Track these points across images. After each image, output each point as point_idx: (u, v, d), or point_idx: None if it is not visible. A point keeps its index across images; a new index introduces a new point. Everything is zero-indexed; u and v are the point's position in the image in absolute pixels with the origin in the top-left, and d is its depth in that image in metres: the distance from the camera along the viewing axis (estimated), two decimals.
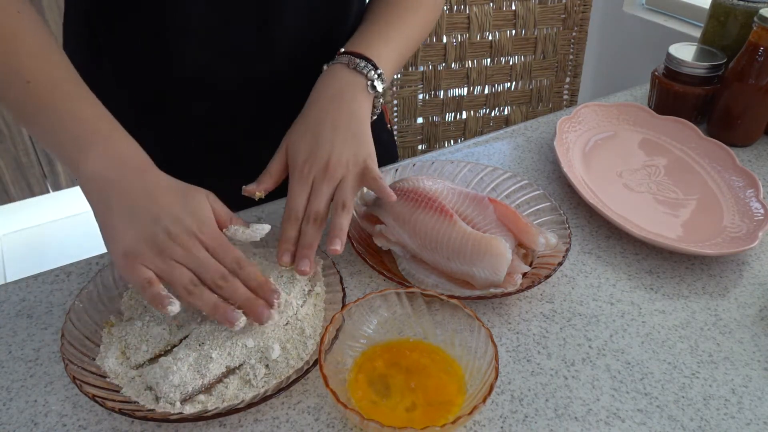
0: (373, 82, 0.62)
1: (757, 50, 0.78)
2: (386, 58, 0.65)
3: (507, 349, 0.54)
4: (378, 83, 0.63)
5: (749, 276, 0.63)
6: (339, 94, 0.61)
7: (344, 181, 0.57)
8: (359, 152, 0.59)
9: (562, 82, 1.39)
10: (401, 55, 0.69)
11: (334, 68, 0.63)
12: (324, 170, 0.57)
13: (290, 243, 0.56)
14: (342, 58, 0.64)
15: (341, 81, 0.62)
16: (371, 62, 0.63)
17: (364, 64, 0.62)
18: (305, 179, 0.57)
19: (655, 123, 0.85)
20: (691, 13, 1.64)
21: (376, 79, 0.62)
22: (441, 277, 0.60)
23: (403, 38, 0.69)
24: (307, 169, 0.57)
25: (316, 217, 0.56)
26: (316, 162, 0.57)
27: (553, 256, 0.60)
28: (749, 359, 0.54)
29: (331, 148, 0.58)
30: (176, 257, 0.49)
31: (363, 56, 0.63)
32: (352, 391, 0.48)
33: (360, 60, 0.62)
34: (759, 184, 0.72)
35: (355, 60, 0.62)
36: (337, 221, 0.56)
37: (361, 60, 0.63)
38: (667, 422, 0.49)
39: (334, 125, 0.59)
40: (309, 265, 0.55)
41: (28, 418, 0.48)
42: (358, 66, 0.62)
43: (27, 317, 0.57)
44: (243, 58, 0.67)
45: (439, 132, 1.37)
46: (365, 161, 0.58)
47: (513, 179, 0.71)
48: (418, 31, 0.71)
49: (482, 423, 0.48)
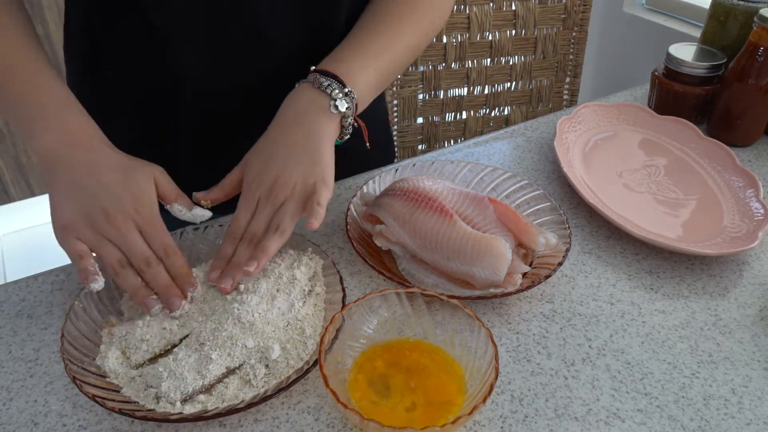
0: (335, 102, 0.60)
1: (757, 50, 0.78)
2: (362, 75, 0.63)
3: (507, 349, 0.54)
4: (341, 102, 0.60)
5: (749, 276, 0.63)
6: (302, 114, 0.60)
7: (285, 205, 0.56)
8: (310, 174, 0.57)
9: (562, 82, 1.39)
10: (385, 68, 0.66)
11: (300, 87, 0.62)
12: (269, 191, 0.57)
13: (223, 260, 0.56)
14: (310, 76, 0.62)
15: (304, 101, 0.60)
16: (338, 80, 0.61)
17: (328, 83, 0.60)
18: (252, 198, 0.57)
19: (655, 123, 0.85)
20: (691, 13, 1.64)
21: (340, 98, 0.60)
22: (441, 277, 0.60)
23: (389, 49, 0.65)
24: (254, 188, 0.57)
25: (251, 239, 0.56)
26: (263, 182, 0.57)
27: (553, 256, 0.60)
28: (749, 359, 0.54)
29: (281, 169, 0.57)
30: (109, 236, 0.52)
31: (330, 74, 0.61)
32: (352, 391, 0.48)
33: (325, 79, 0.60)
34: (759, 184, 0.72)
35: (320, 79, 0.60)
36: (265, 243, 0.54)
37: (326, 78, 0.60)
38: (667, 422, 0.49)
39: (289, 146, 0.58)
40: (231, 284, 0.54)
41: (28, 418, 0.48)
42: (322, 85, 0.60)
43: (27, 317, 0.57)
44: (236, 62, 0.67)
45: (439, 132, 1.37)
46: (314, 184, 0.56)
47: (513, 179, 0.71)
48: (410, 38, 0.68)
49: (482, 423, 0.48)
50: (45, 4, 1.80)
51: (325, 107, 0.60)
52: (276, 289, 0.54)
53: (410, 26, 0.67)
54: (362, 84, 0.62)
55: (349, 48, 0.64)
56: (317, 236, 0.66)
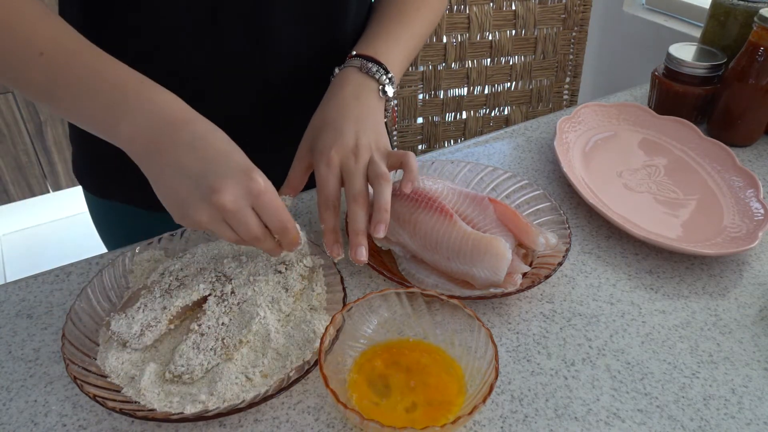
0: (384, 87, 0.64)
1: (757, 50, 0.78)
2: (395, 60, 0.66)
3: (507, 349, 0.54)
4: (389, 88, 0.64)
5: (749, 276, 0.63)
6: (355, 94, 0.62)
7: (373, 158, 0.58)
8: (380, 141, 0.60)
9: (562, 82, 1.39)
10: (409, 55, 0.70)
11: (346, 71, 0.64)
12: (352, 154, 0.57)
13: (335, 233, 0.56)
14: (354, 61, 0.65)
15: (355, 83, 0.63)
16: (382, 66, 0.64)
17: (376, 69, 0.64)
18: (333, 165, 0.57)
19: (655, 123, 0.85)
20: (691, 13, 1.64)
21: (387, 83, 0.64)
22: (441, 277, 0.60)
23: (410, 37, 0.69)
24: (334, 154, 0.57)
25: (360, 197, 0.56)
26: (342, 149, 0.58)
27: (553, 256, 0.60)
28: (749, 359, 0.54)
29: (356, 136, 0.59)
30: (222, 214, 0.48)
31: (374, 59, 0.64)
32: (352, 391, 0.48)
33: (372, 64, 0.64)
34: (759, 184, 0.72)
35: (367, 64, 0.64)
36: (381, 198, 0.55)
37: (372, 64, 0.64)
38: (667, 422, 0.49)
39: (354, 118, 0.60)
40: (365, 252, 0.55)
41: (28, 418, 0.48)
42: (370, 71, 0.63)
43: (27, 317, 0.57)
44: (238, 64, 0.67)
45: (439, 132, 1.37)
46: (386, 148, 0.60)
47: (513, 179, 0.71)
48: (425, 28, 0.72)
49: (482, 423, 0.48)
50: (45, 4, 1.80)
51: (375, 90, 0.63)
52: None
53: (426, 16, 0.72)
54: (397, 69, 0.66)
55: (380, 35, 0.68)
56: (317, 236, 0.66)
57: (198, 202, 0.48)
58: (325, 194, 0.57)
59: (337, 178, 0.57)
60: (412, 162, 0.59)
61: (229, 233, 0.50)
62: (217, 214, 0.48)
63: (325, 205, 0.57)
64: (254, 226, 0.50)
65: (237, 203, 0.48)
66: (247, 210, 0.49)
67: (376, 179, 0.56)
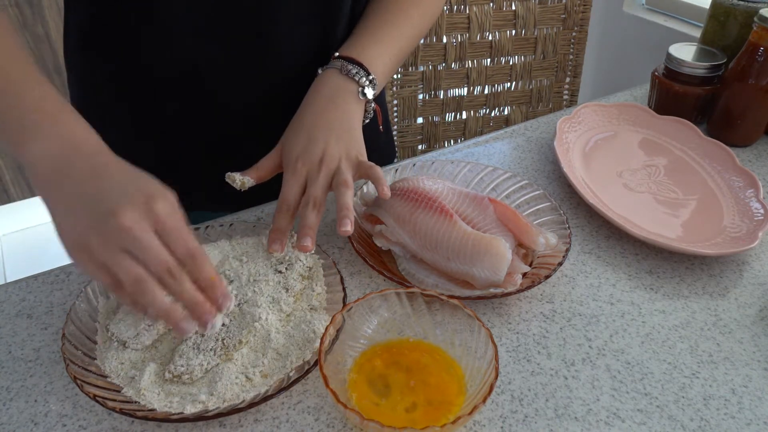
0: (363, 89, 0.64)
1: (757, 50, 0.78)
2: (379, 62, 0.66)
3: (507, 349, 0.54)
4: (368, 90, 0.64)
5: (749, 276, 0.63)
6: (333, 98, 0.63)
7: (339, 167, 0.59)
8: (351, 148, 0.61)
9: (562, 82, 1.39)
10: (396, 56, 0.70)
11: (327, 73, 0.65)
12: (318, 164, 0.59)
13: (281, 232, 0.57)
14: (335, 62, 0.65)
15: (334, 85, 0.64)
16: (363, 68, 0.64)
17: (356, 71, 0.64)
18: (298, 174, 0.59)
19: (655, 123, 0.85)
20: (691, 13, 1.64)
21: (367, 85, 0.64)
22: (441, 277, 0.60)
23: (397, 38, 0.69)
24: (300, 165, 0.59)
25: (315, 202, 0.57)
26: (309, 158, 0.59)
27: (553, 256, 0.60)
28: (749, 359, 0.54)
29: (325, 145, 0.60)
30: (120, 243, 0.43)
31: (355, 61, 0.64)
32: (352, 391, 0.48)
33: (352, 66, 0.64)
34: (759, 184, 0.72)
35: (348, 66, 0.64)
36: (342, 200, 0.56)
37: (353, 66, 0.64)
38: (667, 422, 0.49)
39: (327, 125, 0.61)
40: (311, 242, 0.56)
41: (28, 418, 0.48)
42: (350, 72, 0.64)
43: (27, 317, 0.57)
44: (237, 63, 0.67)
45: (439, 132, 1.37)
46: (357, 157, 0.61)
47: (513, 179, 0.71)
48: (415, 29, 0.72)
49: (482, 423, 0.48)
50: (45, 4, 1.80)
51: (353, 92, 0.64)
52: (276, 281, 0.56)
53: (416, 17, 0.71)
54: (380, 71, 0.66)
55: (364, 36, 0.68)
56: (318, 236, 0.66)
57: (94, 228, 0.44)
58: (283, 198, 0.58)
59: (300, 185, 0.59)
60: (377, 172, 0.59)
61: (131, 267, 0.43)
62: (116, 239, 0.43)
63: (280, 208, 0.58)
64: (161, 251, 0.44)
65: (138, 224, 0.43)
66: (151, 234, 0.44)
67: (338, 187, 0.58)
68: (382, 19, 0.69)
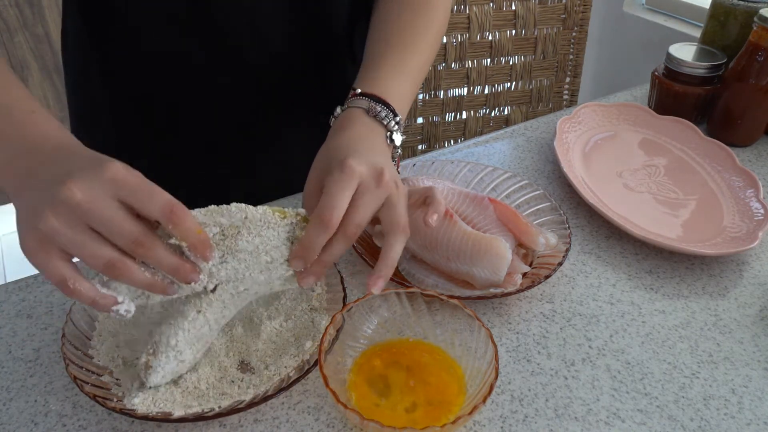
0: (392, 134, 0.56)
1: (757, 50, 0.78)
2: (403, 99, 0.59)
3: (507, 349, 0.54)
4: (396, 136, 0.56)
5: (749, 276, 0.63)
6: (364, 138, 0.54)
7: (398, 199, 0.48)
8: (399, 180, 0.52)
9: (562, 82, 1.39)
10: (416, 90, 0.63)
11: (352, 113, 0.56)
12: (377, 178, 0.48)
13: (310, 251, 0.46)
14: (360, 101, 0.56)
15: (362, 126, 0.55)
16: (390, 108, 0.56)
17: (385, 113, 0.56)
18: (352, 177, 0.47)
19: (655, 123, 0.85)
20: (691, 13, 1.64)
21: (396, 130, 0.56)
22: (441, 277, 0.60)
23: (419, 68, 0.63)
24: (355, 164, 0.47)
25: (355, 231, 0.47)
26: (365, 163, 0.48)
27: (553, 256, 0.60)
28: (749, 359, 0.54)
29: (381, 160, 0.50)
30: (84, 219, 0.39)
31: (381, 100, 0.56)
32: (352, 391, 0.48)
33: (381, 107, 0.56)
34: (759, 184, 0.72)
35: (376, 107, 0.56)
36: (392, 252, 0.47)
37: (381, 107, 0.56)
38: (667, 422, 0.49)
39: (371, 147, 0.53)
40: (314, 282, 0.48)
41: (28, 418, 0.48)
42: (379, 115, 0.55)
43: (27, 317, 0.57)
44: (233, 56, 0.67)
45: (439, 132, 1.37)
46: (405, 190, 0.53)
47: (513, 179, 0.71)
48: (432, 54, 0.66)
49: (482, 423, 0.48)
50: (45, 4, 1.80)
51: (381, 136, 0.56)
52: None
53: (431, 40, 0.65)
54: (404, 109, 0.60)
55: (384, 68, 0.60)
56: None
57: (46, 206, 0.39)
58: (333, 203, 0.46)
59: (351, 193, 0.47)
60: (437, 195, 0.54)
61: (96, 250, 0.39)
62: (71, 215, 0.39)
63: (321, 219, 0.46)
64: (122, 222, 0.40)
65: (92, 192, 0.39)
66: (109, 201, 0.39)
67: (392, 228, 0.48)
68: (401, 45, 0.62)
